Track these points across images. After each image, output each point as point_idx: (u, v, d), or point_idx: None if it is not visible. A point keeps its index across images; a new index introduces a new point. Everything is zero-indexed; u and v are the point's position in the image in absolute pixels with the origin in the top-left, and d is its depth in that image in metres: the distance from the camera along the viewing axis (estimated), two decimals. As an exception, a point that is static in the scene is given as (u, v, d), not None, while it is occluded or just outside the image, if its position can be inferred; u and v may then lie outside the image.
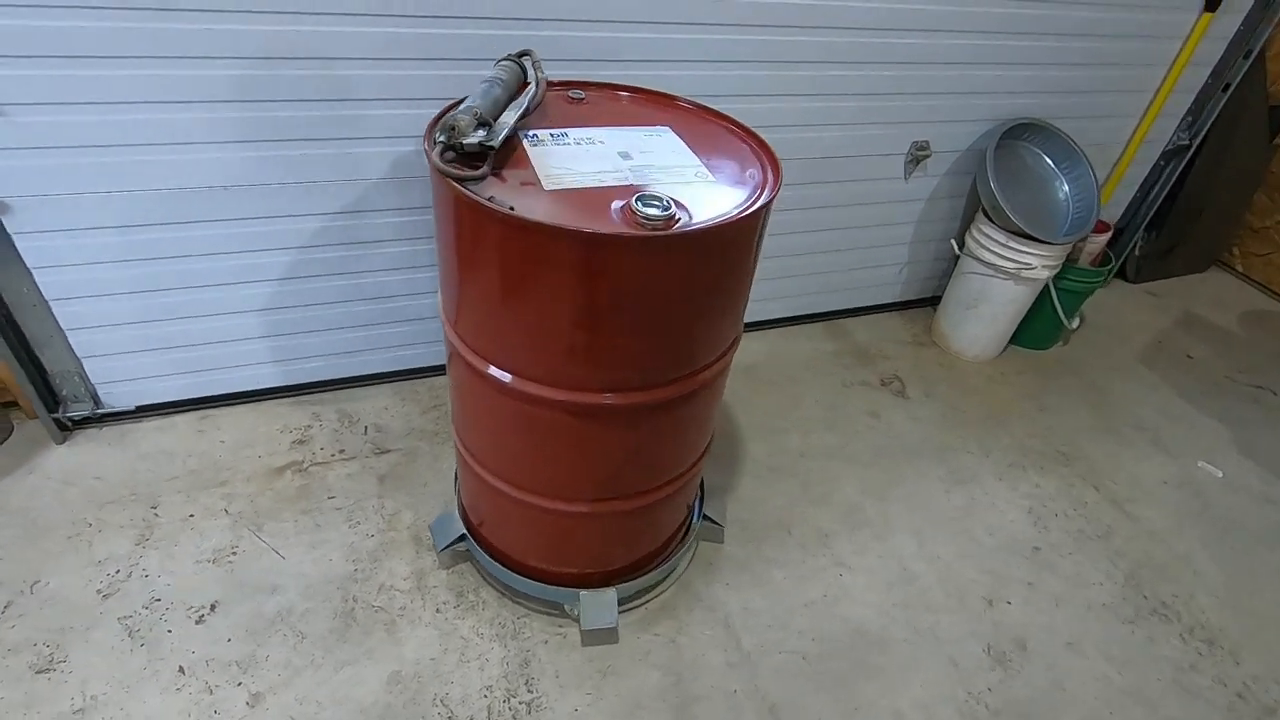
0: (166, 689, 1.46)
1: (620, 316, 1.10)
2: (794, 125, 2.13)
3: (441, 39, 1.62)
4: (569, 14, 1.69)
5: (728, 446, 2.18)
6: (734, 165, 1.25)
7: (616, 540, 1.55)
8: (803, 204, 2.35)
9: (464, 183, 1.06)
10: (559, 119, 1.31)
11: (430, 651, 1.58)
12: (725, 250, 1.14)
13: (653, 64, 1.84)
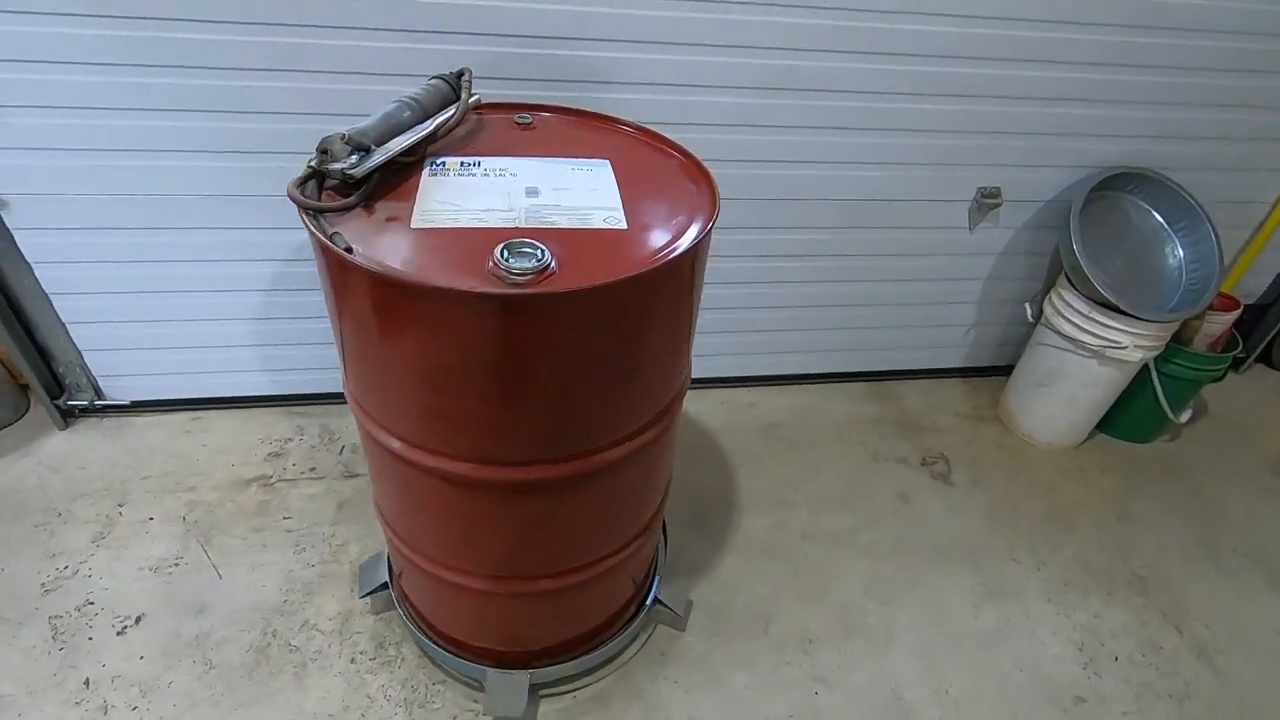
0: (66, 701, 1.43)
1: (478, 382, 0.93)
2: (832, 161, 1.87)
3: (421, 55, 1.53)
4: (573, 32, 1.55)
5: (721, 514, 1.94)
6: (663, 211, 1.05)
7: (525, 621, 1.37)
8: (845, 250, 2.07)
9: (323, 214, 0.94)
10: (486, 146, 1.16)
11: (331, 706, 1.47)
12: (615, 315, 0.94)
13: (669, 88, 1.66)
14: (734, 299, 2.13)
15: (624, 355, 0.99)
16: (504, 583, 1.24)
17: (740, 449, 2.15)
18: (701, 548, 1.85)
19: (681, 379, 1.22)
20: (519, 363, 0.92)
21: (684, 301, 1.05)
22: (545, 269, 0.88)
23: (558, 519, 1.16)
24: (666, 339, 1.06)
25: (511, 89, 1.60)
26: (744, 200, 1.91)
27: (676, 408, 1.22)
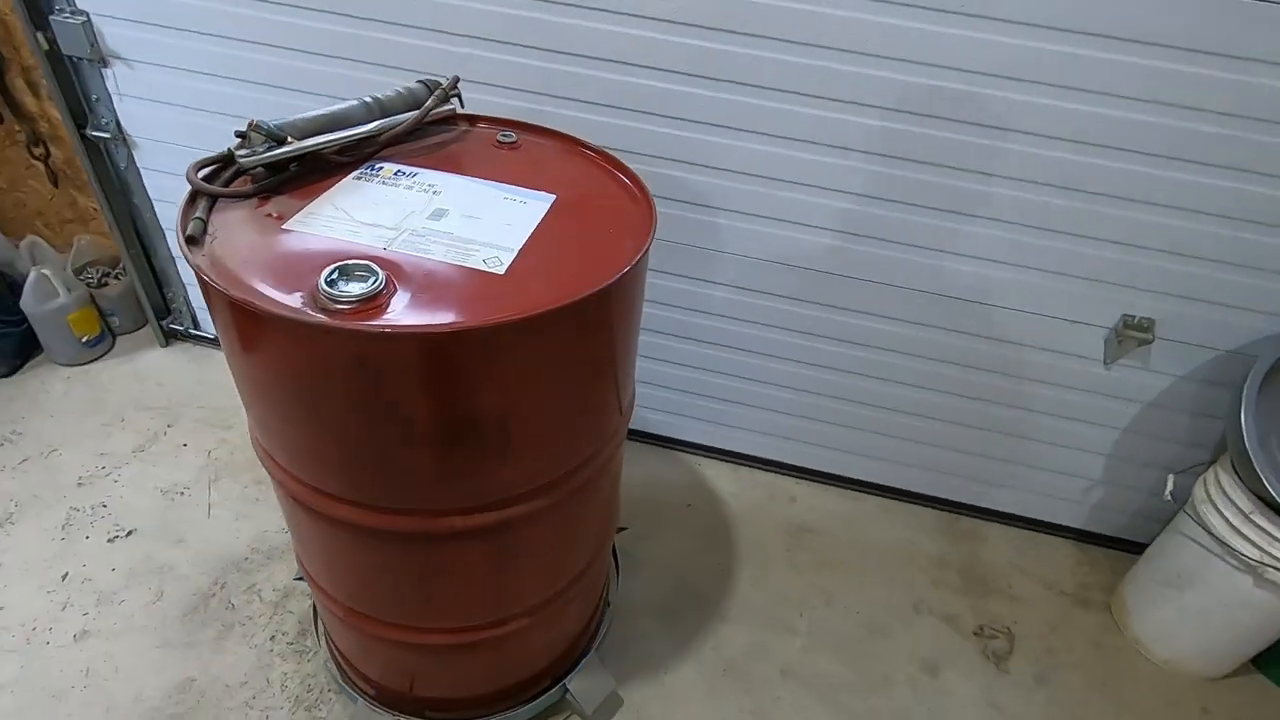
0: (42, 587, 1.59)
1: (292, 408, 0.85)
2: (927, 247, 1.56)
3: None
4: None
5: (698, 611, 1.70)
6: (569, 268, 0.89)
7: (402, 667, 1.27)
8: (931, 351, 1.73)
9: (217, 198, 0.91)
10: (441, 158, 1.08)
11: (231, 676, 1.47)
12: (441, 367, 0.80)
13: (759, 137, 1.49)
14: (780, 376, 1.87)
15: (443, 411, 0.85)
16: (379, 625, 1.15)
17: (756, 544, 1.87)
18: (660, 643, 1.62)
19: (564, 456, 1.03)
20: (334, 399, 0.82)
21: (539, 369, 0.88)
22: (374, 298, 0.77)
23: (416, 572, 1.05)
24: (507, 405, 0.89)
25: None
26: (796, 268, 1.66)
27: (568, 482, 1.04)
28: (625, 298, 0.95)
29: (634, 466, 2.05)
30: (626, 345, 1.03)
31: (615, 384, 1.04)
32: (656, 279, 1.77)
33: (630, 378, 1.14)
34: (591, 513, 1.22)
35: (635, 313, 1.02)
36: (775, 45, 1.37)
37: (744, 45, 1.38)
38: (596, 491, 1.18)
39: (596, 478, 1.12)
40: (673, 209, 1.63)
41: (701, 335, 1.85)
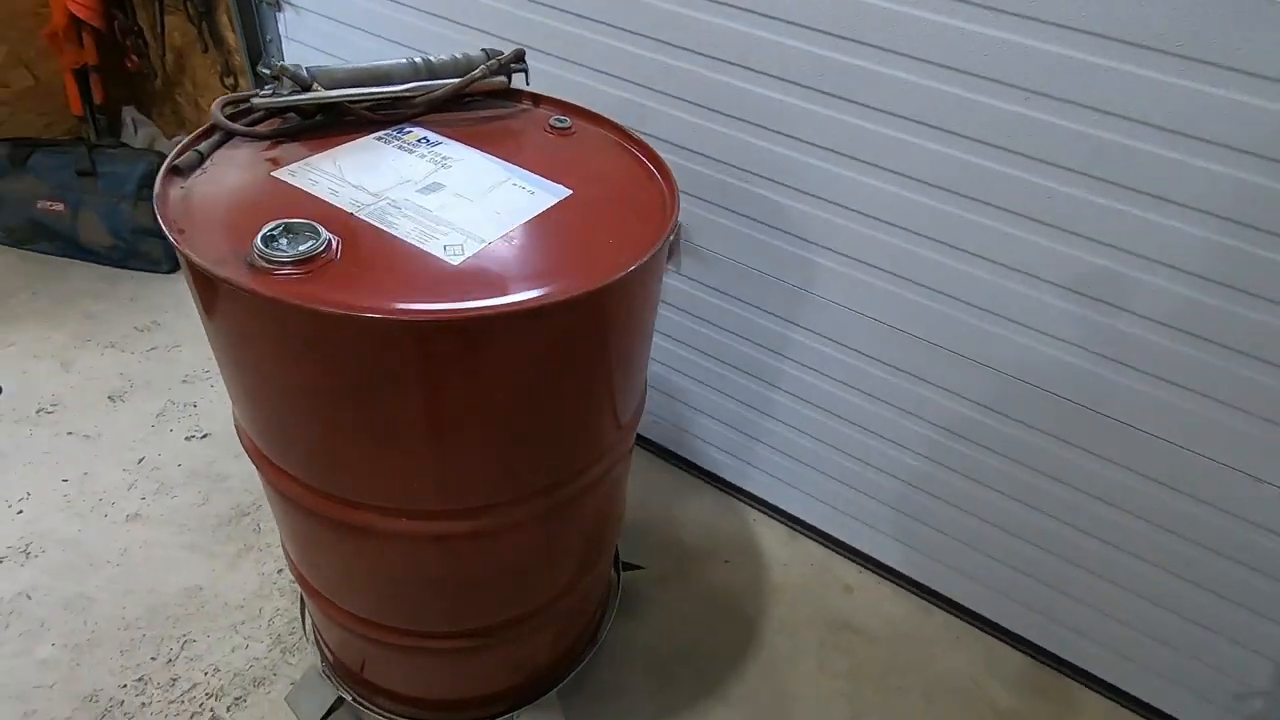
0: (120, 465, 1.76)
1: (226, 365, 0.81)
2: (1082, 347, 1.25)
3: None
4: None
5: (696, 681, 1.51)
6: (542, 272, 0.77)
7: (384, 667, 1.23)
8: (1076, 479, 1.38)
9: (232, 135, 0.90)
10: (476, 132, 1.00)
11: (232, 597, 1.53)
12: (369, 351, 0.72)
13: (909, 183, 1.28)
14: (862, 449, 1.61)
15: (375, 404, 0.76)
16: (332, 608, 1.11)
17: (787, 627, 1.64)
18: (642, 702, 1.46)
19: (503, 474, 0.91)
20: (264, 370, 0.77)
21: (471, 379, 0.76)
22: (307, 259, 0.71)
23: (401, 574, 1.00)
24: (437, 414, 0.79)
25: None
26: (900, 332, 1.40)
27: (521, 503, 0.93)
28: (590, 322, 0.81)
29: (681, 501, 1.88)
30: (584, 375, 0.88)
31: (555, 416, 0.90)
32: (734, 307, 1.59)
33: (607, 409, 0.99)
34: (564, 538, 1.10)
35: (612, 336, 0.87)
36: (925, 69, 1.13)
37: (886, 63, 1.16)
38: (569, 516, 1.06)
39: (566, 504, 1.00)
40: (764, 234, 1.45)
41: (778, 381, 1.65)
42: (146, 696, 1.37)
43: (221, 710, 1.36)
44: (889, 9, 1.11)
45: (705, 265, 1.57)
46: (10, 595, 1.48)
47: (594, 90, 1.49)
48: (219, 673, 1.41)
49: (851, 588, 1.76)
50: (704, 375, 1.75)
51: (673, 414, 1.89)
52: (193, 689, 1.39)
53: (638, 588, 1.67)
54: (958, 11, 1.07)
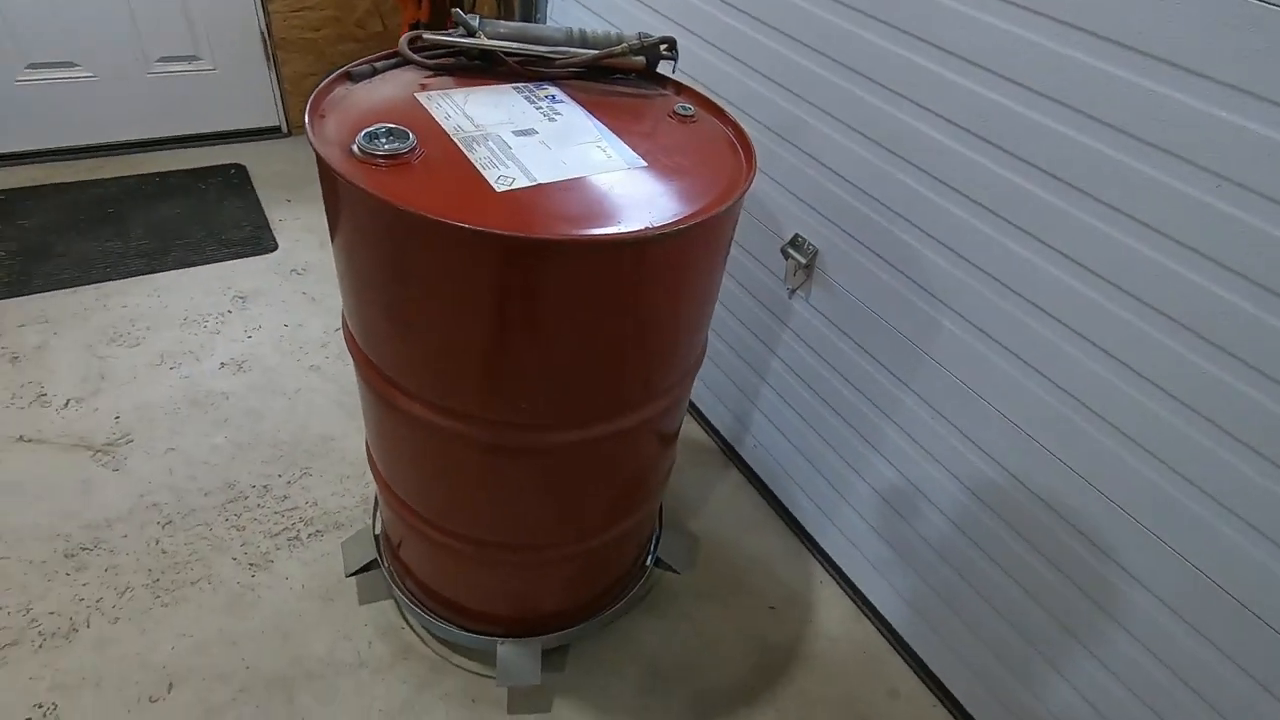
0: (322, 328, 2.17)
1: (337, 251, 0.98)
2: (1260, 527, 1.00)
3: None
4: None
5: (682, 709, 1.47)
6: (562, 215, 0.84)
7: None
8: (1151, 637, 1.12)
9: (407, 60, 1.09)
10: (602, 103, 1.09)
11: (351, 456, 1.83)
12: (397, 237, 0.84)
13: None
14: (961, 558, 1.42)
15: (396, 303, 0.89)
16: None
17: (799, 703, 1.51)
18: (621, 692, 1.47)
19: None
20: (383, 262, 0.92)
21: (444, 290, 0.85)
22: (398, 156, 0.86)
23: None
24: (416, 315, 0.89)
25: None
26: (1022, 433, 1.21)
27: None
28: (547, 275, 0.85)
29: (753, 533, 1.82)
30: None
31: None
32: (851, 350, 1.50)
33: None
34: (591, 478, 1.16)
35: (575, 299, 0.89)
36: (1121, 140, 0.97)
37: (1073, 125, 1.01)
38: (590, 457, 1.12)
39: (588, 444, 1.07)
40: (894, 280, 1.35)
41: (877, 441, 1.52)
42: (263, 500, 1.69)
43: (305, 534, 1.64)
44: (1090, 65, 0.97)
45: (833, 299, 1.51)
46: (218, 391, 1.93)
47: (756, 94, 1.51)
48: (315, 506, 1.70)
49: (899, 694, 1.57)
50: (810, 414, 1.68)
51: (774, 445, 1.83)
52: (294, 510, 1.69)
53: (675, 591, 1.66)
54: (1169, 79, 0.91)
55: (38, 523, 1.57)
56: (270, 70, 2.86)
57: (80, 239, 2.33)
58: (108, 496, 1.64)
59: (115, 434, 1.77)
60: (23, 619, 1.41)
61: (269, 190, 2.69)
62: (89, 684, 1.34)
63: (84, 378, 1.90)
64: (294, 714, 1.34)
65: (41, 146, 2.62)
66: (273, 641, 1.44)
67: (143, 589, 1.49)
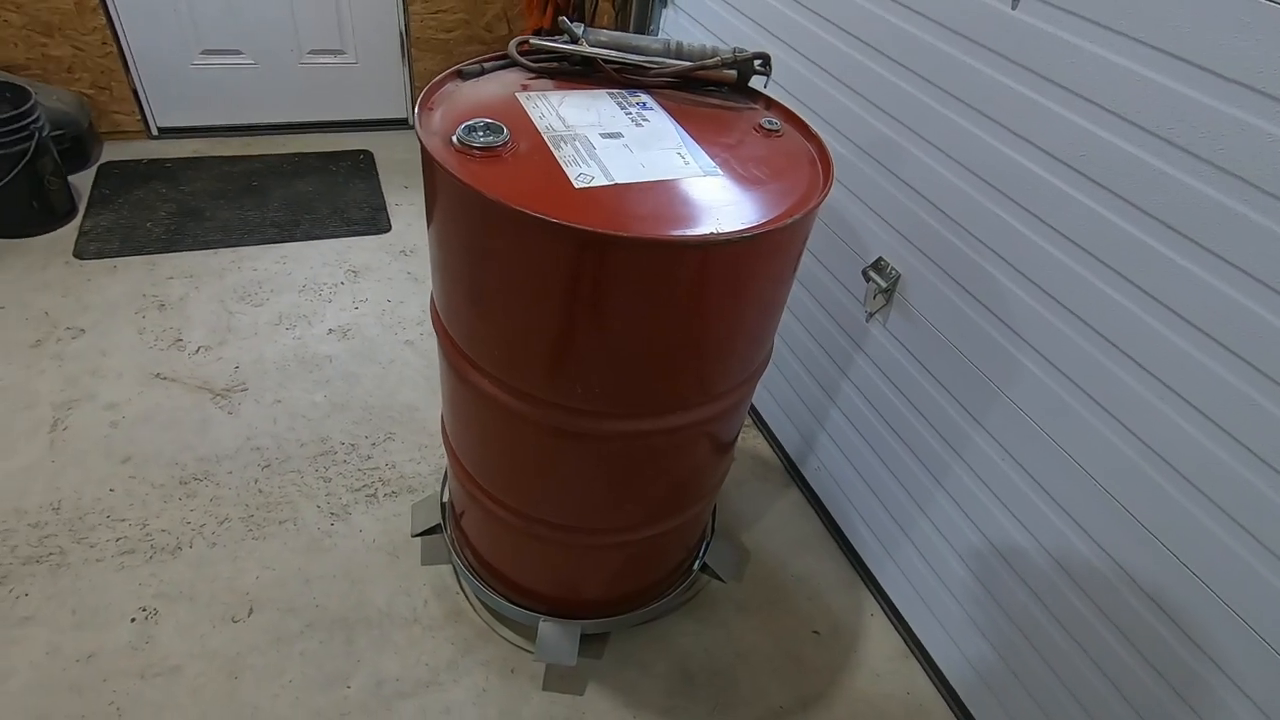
0: (420, 307, 2.33)
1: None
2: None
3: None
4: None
5: (705, 716, 1.48)
6: (633, 215, 0.89)
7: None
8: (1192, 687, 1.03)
9: (514, 62, 1.18)
10: (691, 112, 1.13)
11: (432, 426, 1.95)
12: (483, 223, 0.92)
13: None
14: (1012, 601, 1.36)
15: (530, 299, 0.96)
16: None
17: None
18: (647, 690, 1.49)
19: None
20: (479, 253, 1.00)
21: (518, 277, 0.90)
22: (493, 149, 0.94)
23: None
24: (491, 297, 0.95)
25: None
26: (1098, 486, 1.14)
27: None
28: (610, 270, 0.90)
29: (808, 557, 1.80)
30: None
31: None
32: (925, 382, 1.46)
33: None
34: (642, 474, 1.20)
35: (629, 297, 0.93)
36: (1239, 189, 0.91)
37: (1191, 171, 0.96)
38: (647, 453, 1.16)
39: (643, 436, 1.12)
40: (976, 313, 1.32)
41: (943, 478, 1.47)
42: (349, 457, 1.84)
43: (381, 493, 1.77)
44: (1214, 109, 0.91)
45: (912, 326, 1.48)
46: (324, 354, 2.11)
47: (852, 114, 1.50)
48: (394, 469, 1.83)
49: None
50: (877, 442, 1.65)
51: (838, 470, 1.80)
52: (375, 469, 1.82)
53: (717, 600, 1.67)
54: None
55: (161, 450, 1.78)
56: (404, 66, 3.09)
57: (227, 206, 2.61)
58: (220, 435, 1.84)
59: (234, 381, 1.98)
60: (140, 532, 1.60)
61: (390, 176, 2.91)
62: (185, 597, 1.51)
63: (214, 329, 2.13)
64: (351, 654, 1.46)
65: (206, 123, 2.95)
66: (341, 586, 1.57)
67: (239, 521, 1.66)
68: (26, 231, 2.33)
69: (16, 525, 1.58)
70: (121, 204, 2.53)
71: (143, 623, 1.45)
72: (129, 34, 2.65)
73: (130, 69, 2.72)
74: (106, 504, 1.65)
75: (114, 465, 1.73)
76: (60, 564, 1.52)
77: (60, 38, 2.56)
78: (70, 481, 1.68)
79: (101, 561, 1.54)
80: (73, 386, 1.89)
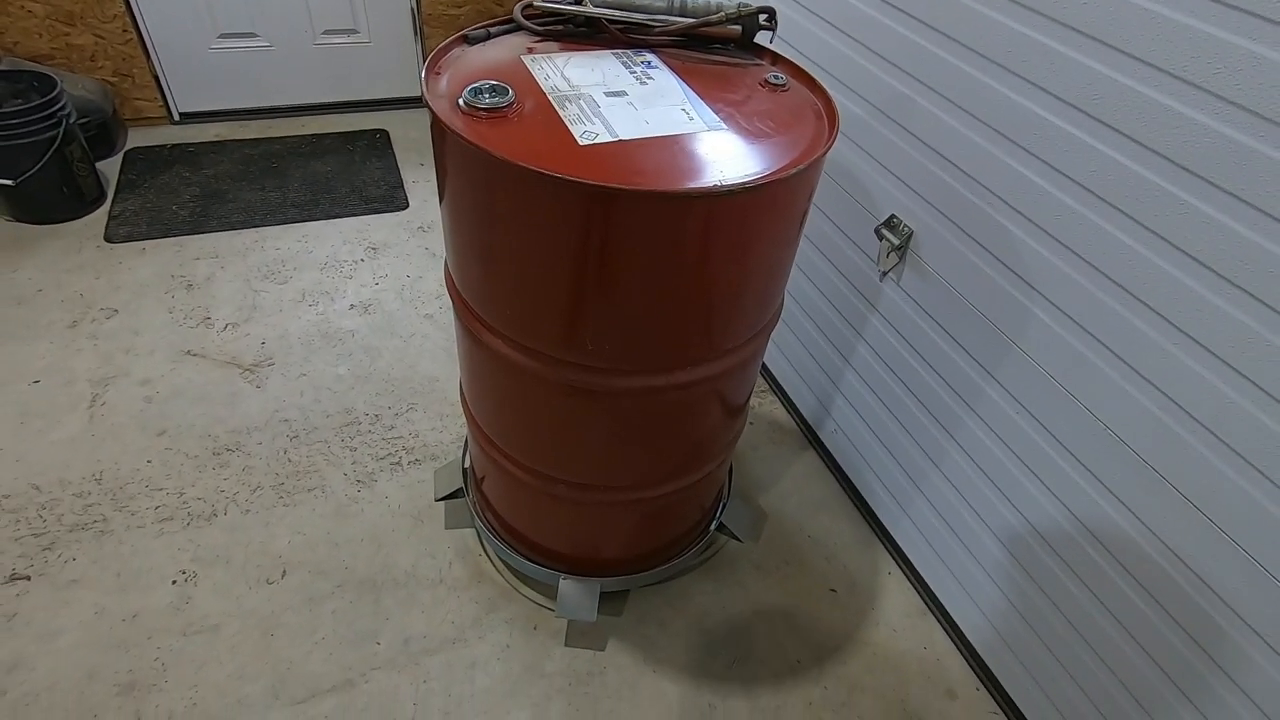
0: (438, 281, 2.36)
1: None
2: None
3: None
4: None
5: (725, 676, 1.51)
6: (635, 169, 0.90)
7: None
8: (1220, 654, 1.04)
9: (519, 26, 1.19)
10: (695, 70, 1.13)
11: (452, 396, 1.99)
12: (489, 182, 0.94)
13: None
14: (1027, 555, 1.36)
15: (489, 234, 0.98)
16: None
17: (847, 687, 1.51)
18: (664, 647, 1.53)
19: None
20: (487, 212, 1.02)
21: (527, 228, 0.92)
22: (498, 110, 0.96)
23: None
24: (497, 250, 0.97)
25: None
26: (1113, 437, 1.14)
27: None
28: (619, 223, 0.91)
29: (823, 516, 1.82)
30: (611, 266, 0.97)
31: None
32: (937, 336, 1.46)
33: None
34: (656, 428, 1.22)
35: (634, 250, 0.95)
36: (1259, 126, 0.90)
37: (1214, 112, 0.95)
38: (659, 406, 1.18)
39: (657, 392, 1.14)
40: (989, 266, 1.31)
41: (955, 431, 1.48)
42: (373, 427, 1.89)
43: (405, 460, 1.82)
44: (1226, 42, 0.89)
45: (925, 283, 1.47)
46: (346, 328, 2.16)
47: (861, 69, 1.48)
48: (416, 438, 1.88)
49: (955, 695, 1.53)
50: (891, 400, 1.65)
51: (854, 431, 1.81)
52: (398, 439, 1.87)
53: (735, 560, 1.70)
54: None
55: (194, 423, 1.84)
56: (417, 44, 3.11)
57: (249, 188, 2.66)
58: (250, 408, 1.90)
59: (261, 356, 2.04)
60: (177, 500, 1.67)
61: (406, 154, 2.94)
62: (221, 561, 1.57)
63: (240, 307, 2.18)
64: (379, 613, 1.52)
65: (226, 107, 3.00)
66: (368, 549, 1.62)
67: (269, 489, 1.72)
68: (58, 217, 2.41)
69: (62, 495, 1.65)
70: (148, 188, 2.60)
71: (182, 585, 1.52)
72: (148, 20, 2.69)
73: (151, 55, 2.77)
74: (145, 474, 1.72)
75: (150, 438, 1.80)
76: (104, 531, 1.60)
77: (82, 26, 2.61)
78: (110, 454, 1.75)
79: (142, 528, 1.61)
80: (108, 364, 1.96)
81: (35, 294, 2.14)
